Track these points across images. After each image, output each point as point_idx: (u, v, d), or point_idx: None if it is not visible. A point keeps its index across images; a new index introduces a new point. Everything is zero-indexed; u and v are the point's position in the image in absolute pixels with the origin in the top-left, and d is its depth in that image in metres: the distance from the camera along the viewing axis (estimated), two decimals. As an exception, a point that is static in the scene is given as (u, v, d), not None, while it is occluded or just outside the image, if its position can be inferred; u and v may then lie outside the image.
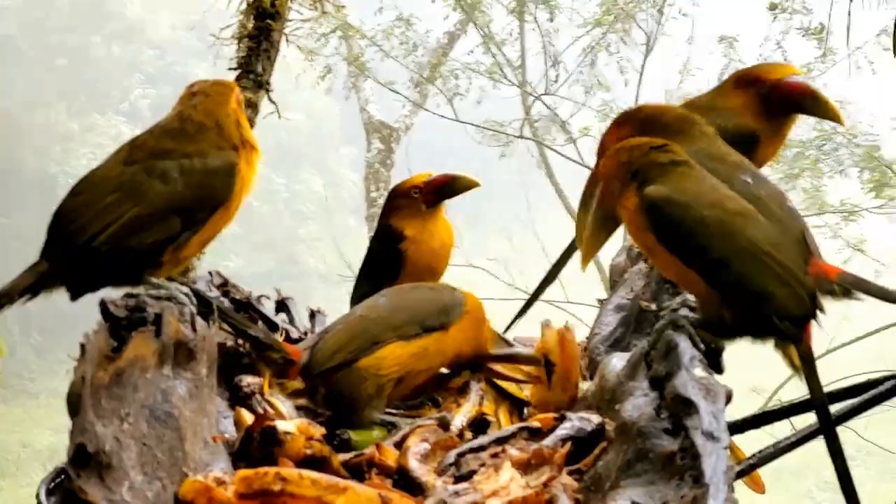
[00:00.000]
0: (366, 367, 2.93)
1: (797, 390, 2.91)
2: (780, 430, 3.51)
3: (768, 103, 3.23)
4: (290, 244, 30.40)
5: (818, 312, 2.62)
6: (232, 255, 25.37)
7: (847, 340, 13.12)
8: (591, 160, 3.84)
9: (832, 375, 4.95)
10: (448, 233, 3.77)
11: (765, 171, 3.15)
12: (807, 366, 2.59)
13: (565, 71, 16.33)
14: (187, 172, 2.82)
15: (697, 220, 2.61)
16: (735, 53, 16.35)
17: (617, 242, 3.41)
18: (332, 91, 16.94)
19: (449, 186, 3.73)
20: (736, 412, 2.87)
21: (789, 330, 2.56)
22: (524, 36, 16.63)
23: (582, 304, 10.97)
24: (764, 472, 2.90)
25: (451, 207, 3.85)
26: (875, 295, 2.76)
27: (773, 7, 14.97)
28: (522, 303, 3.82)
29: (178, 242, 2.82)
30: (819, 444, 2.71)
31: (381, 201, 17.08)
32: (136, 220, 2.75)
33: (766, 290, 2.56)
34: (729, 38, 16.46)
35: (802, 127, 15.93)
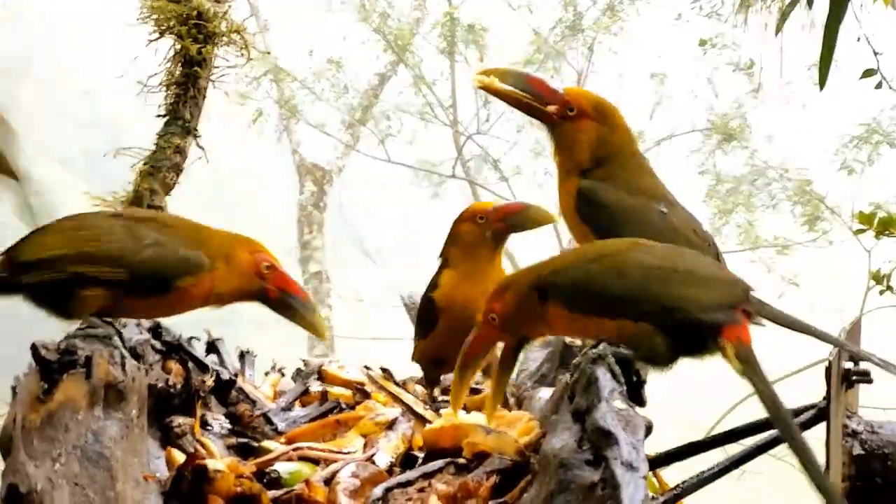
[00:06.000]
0: None
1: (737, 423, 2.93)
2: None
3: None
4: (223, 288, 30.22)
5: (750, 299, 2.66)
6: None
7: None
8: (524, 198, 3.83)
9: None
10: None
11: (700, 205, 3.22)
12: (747, 364, 2.57)
13: (496, 110, 16.42)
14: (161, 244, 2.86)
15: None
16: (665, 90, 16.57)
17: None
18: (264, 134, 16.94)
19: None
20: (674, 445, 2.92)
21: (714, 320, 2.60)
22: (455, 76, 16.72)
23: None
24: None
25: (386, 250, 3.84)
26: (774, 320, 2.86)
27: (702, 43, 15.20)
28: None
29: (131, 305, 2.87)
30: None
31: (315, 244, 16.84)
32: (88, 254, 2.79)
33: (682, 295, 2.63)
34: (659, 75, 16.69)
35: (735, 163, 16.14)
